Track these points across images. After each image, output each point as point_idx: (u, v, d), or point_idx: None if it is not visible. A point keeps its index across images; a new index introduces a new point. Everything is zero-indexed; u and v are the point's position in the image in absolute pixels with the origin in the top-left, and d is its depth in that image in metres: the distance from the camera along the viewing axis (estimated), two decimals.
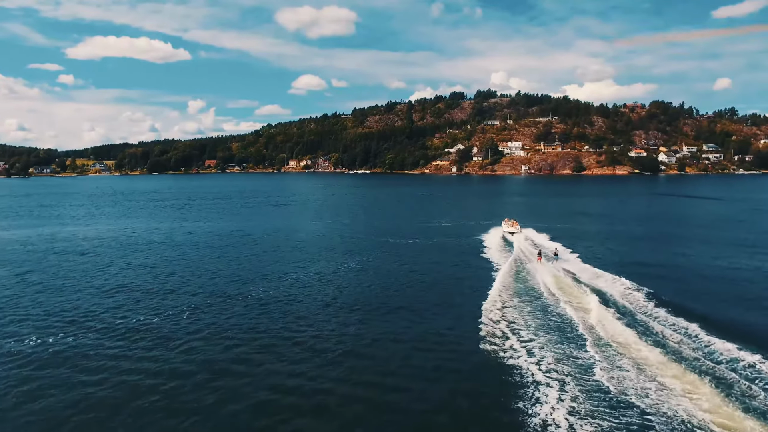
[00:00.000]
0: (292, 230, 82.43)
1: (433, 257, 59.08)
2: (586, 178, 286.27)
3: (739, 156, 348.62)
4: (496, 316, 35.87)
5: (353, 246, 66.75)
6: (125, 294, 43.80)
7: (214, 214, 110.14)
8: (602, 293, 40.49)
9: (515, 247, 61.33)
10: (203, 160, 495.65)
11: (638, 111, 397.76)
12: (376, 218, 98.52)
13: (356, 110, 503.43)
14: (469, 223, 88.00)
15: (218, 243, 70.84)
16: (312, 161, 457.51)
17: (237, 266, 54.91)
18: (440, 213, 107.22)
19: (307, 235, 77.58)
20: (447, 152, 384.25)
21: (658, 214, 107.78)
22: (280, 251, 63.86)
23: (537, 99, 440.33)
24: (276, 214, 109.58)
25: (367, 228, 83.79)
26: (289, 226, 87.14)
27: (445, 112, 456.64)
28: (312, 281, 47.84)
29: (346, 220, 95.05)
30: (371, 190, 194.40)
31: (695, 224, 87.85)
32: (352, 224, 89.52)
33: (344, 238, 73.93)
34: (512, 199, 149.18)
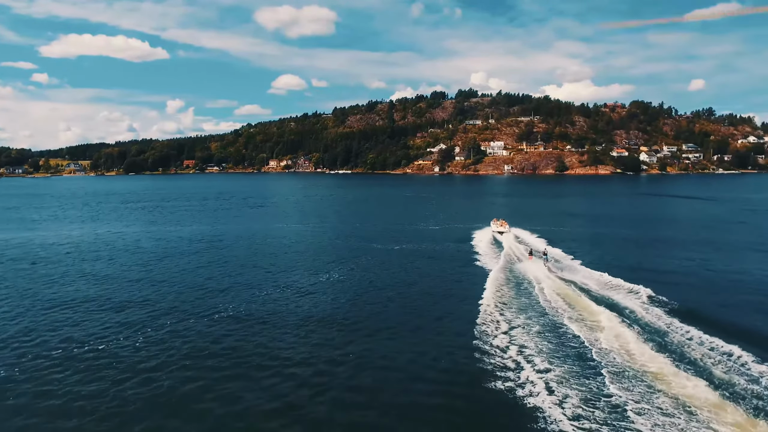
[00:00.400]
0: (268, 235, 76.73)
1: (423, 264, 54.04)
2: (569, 178, 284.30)
3: (719, 156, 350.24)
4: (493, 328, 32.51)
5: (335, 253, 61.48)
6: (72, 310, 38.02)
7: (186, 217, 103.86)
8: (615, 305, 36.77)
9: (505, 247, 60.42)
10: (181, 160, 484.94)
11: (618, 111, 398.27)
12: (360, 221, 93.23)
13: (337, 110, 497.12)
14: (457, 226, 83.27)
15: (186, 249, 65.02)
16: (292, 161, 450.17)
17: (204, 276, 49.31)
18: (426, 215, 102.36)
19: (284, 240, 71.98)
20: (429, 152, 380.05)
21: (654, 215, 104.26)
22: (254, 259, 58.30)
23: (518, 99, 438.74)
24: (252, 216, 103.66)
25: (350, 232, 78.49)
26: (265, 231, 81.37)
27: (426, 111, 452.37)
28: (288, 294, 42.50)
29: (327, 224, 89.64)
30: (353, 191, 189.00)
31: (698, 226, 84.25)
32: (333, 228, 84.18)
33: (325, 243, 68.59)
34: (498, 199, 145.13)
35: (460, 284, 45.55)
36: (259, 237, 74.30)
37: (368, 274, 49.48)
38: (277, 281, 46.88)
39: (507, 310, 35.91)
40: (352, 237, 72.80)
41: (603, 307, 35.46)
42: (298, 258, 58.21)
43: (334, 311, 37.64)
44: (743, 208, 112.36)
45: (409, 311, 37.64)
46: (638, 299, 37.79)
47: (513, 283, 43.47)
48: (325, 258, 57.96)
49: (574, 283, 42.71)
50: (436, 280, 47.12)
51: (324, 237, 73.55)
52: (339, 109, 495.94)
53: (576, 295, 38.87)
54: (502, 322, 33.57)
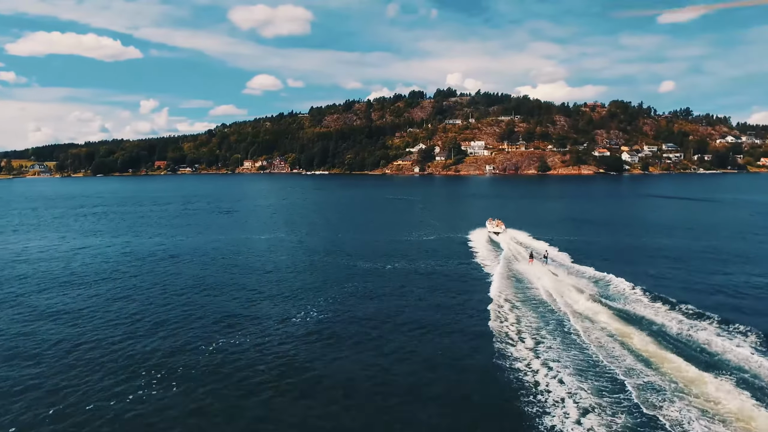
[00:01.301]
0: (231, 250, 63.02)
1: (424, 295, 41.14)
2: (552, 178, 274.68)
3: (699, 156, 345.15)
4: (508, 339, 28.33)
5: (312, 276, 48.12)
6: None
7: (139, 226, 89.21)
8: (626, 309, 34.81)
9: (504, 249, 57.73)
10: (153, 161, 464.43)
11: (599, 110, 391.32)
12: (340, 230, 79.91)
13: (313, 109, 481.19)
14: (454, 236, 70.79)
15: (128, 269, 51.27)
16: (268, 162, 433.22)
17: (143, 308, 36.41)
18: (415, 221, 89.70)
19: (249, 258, 58.39)
20: (408, 152, 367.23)
21: (662, 219, 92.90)
22: (211, 284, 44.91)
23: (497, 98, 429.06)
24: (217, 224, 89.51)
25: (329, 246, 65.08)
26: (229, 244, 67.55)
27: (404, 111, 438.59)
28: (249, 344, 29.37)
29: (303, 234, 75.94)
30: (331, 194, 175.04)
31: (721, 234, 72.78)
32: (310, 240, 70.65)
33: (300, 263, 55.11)
34: (486, 201, 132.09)
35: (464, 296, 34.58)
36: (219, 253, 60.56)
37: (356, 310, 36.58)
38: (232, 322, 33.66)
39: (518, 320, 33.51)
40: (333, 253, 59.55)
41: (610, 310, 34.06)
42: (264, 285, 44.83)
43: (315, 371, 24.94)
44: (759, 212, 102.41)
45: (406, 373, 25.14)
46: (652, 303, 35.92)
47: (517, 288, 41.15)
48: (300, 284, 44.71)
49: (578, 284, 40.98)
50: (437, 328, 34.44)
51: (298, 254, 60.07)
52: (315, 109, 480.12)
53: (578, 297, 37.01)
54: (515, 332, 31.50)
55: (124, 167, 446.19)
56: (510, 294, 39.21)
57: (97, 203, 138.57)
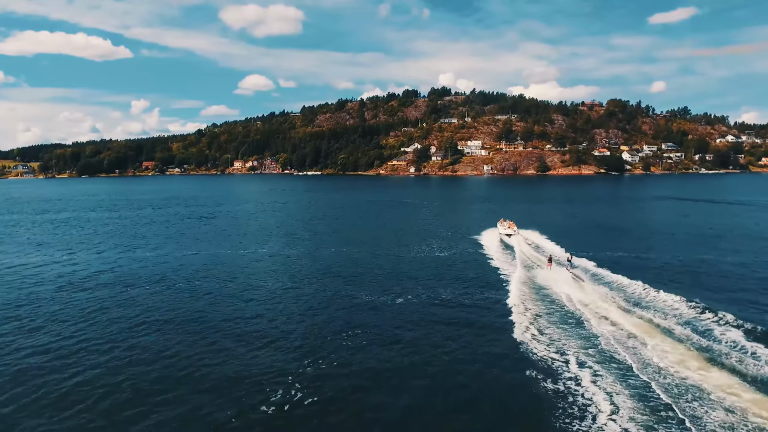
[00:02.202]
0: (194, 272, 49.47)
1: (455, 354, 28.25)
2: (553, 179, 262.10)
3: (700, 155, 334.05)
4: None
5: (299, 325, 34.62)
6: None
7: (98, 235, 75.30)
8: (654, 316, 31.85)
9: (517, 252, 53.62)
10: (140, 161, 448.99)
11: (597, 109, 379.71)
12: (335, 243, 66.32)
13: (305, 108, 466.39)
14: (465, 247, 57.70)
15: (64, 296, 37.97)
16: (258, 162, 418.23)
17: (88, 345, 24.08)
18: (420, 229, 76.47)
19: (216, 283, 45.00)
20: (403, 152, 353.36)
21: (689, 225, 79.89)
22: (172, 321, 31.79)
23: (493, 97, 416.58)
24: (187, 235, 75.60)
25: (322, 268, 51.35)
26: (192, 263, 53.79)
27: (398, 110, 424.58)
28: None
29: (288, 248, 62.32)
30: (324, 196, 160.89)
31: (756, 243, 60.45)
32: (296, 257, 57.08)
33: (280, 294, 41.51)
34: (497, 205, 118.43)
35: None
36: (186, 277, 46.88)
37: (361, 380, 23.54)
38: (173, 396, 20.46)
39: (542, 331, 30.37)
40: (326, 278, 46.07)
41: (640, 319, 31.77)
42: (241, 332, 31.54)
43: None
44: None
45: None
46: (683, 310, 32.95)
47: (539, 296, 37.84)
48: (285, 328, 31.50)
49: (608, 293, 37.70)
50: None
51: (280, 279, 46.44)
52: (307, 108, 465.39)
53: (609, 306, 34.28)
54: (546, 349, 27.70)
55: (110, 168, 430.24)
56: (533, 304, 35.84)
57: (65, 208, 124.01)
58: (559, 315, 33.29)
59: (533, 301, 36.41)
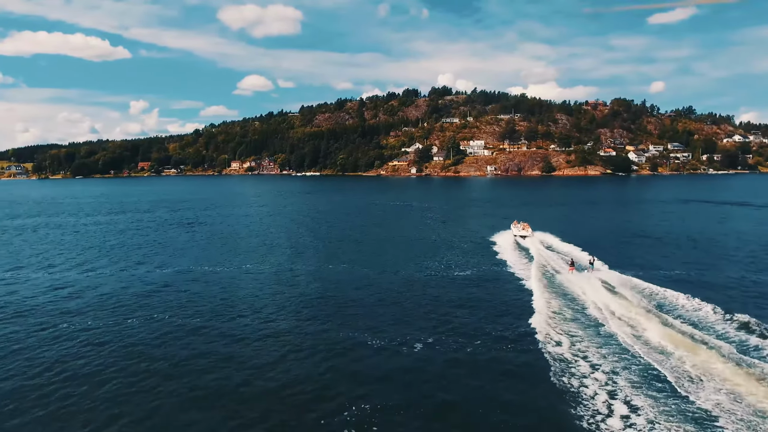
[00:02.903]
0: (163, 295, 38.93)
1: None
2: (559, 180, 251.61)
3: (708, 155, 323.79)
4: None
5: (289, 373, 24.32)
6: None
7: (62, 246, 64.64)
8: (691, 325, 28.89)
9: (534, 256, 50.29)
10: (136, 162, 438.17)
11: (601, 108, 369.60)
12: (336, 259, 55.22)
13: (304, 108, 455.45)
14: (500, 270, 47.22)
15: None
16: (256, 162, 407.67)
17: None
18: (433, 240, 66.00)
19: (187, 313, 34.52)
20: (404, 152, 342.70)
21: (725, 229, 69.42)
22: (102, 369, 21.20)
23: (494, 96, 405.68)
24: (165, 246, 64.80)
25: (316, 293, 40.65)
26: (162, 283, 43.12)
27: (398, 110, 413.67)
28: None
29: (279, 264, 51.42)
30: (323, 199, 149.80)
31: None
32: (287, 278, 46.31)
33: (266, 331, 31.10)
34: (516, 210, 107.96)
35: None
36: (136, 302, 36.47)
37: None
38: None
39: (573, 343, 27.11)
40: (323, 312, 35.46)
41: (673, 329, 28.75)
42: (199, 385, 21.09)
43: None
44: None
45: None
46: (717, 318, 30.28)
47: (563, 301, 34.77)
48: (259, 387, 21.05)
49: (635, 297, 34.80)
50: None
51: (266, 314, 35.76)
52: (306, 108, 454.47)
53: (640, 312, 31.73)
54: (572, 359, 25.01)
55: (105, 168, 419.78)
56: (557, 309, 33.15)
57: (39, 212, 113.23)
58: (590, 326, 29.92)
59: (560, 312, 32.72)
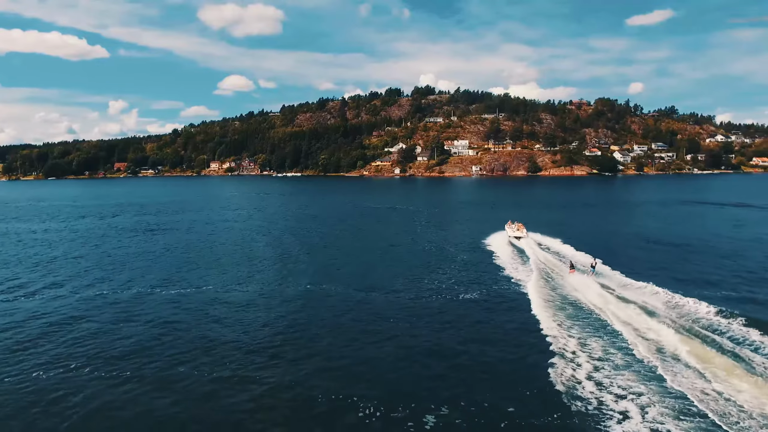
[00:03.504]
0: (90, 329, 30.14)
1: None
2: (546, 180, 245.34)
3: (692, 155, 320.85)
4: None
5: None
6: None
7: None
8: None
9: (531, 257, 48.94)
10: (112, 162, 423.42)
11: (585, 108, 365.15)
12: (317, 275, 46.94)
13: (285, 108, 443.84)
14: (509, 289, 39.13)
15: None
16: (236, 163, 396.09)
17: None
18: (425, 249, 57.70)
19: (115, 351, 25.75)
20: (387, 152, 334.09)
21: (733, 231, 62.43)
22: None
23: (478, 96, 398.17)
24: (120, 258, 55.66)
25: (289, 328, 32.54)
26: (96, 312, 34.38)
27: (381, 109, 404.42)
28: None
29: (254, 285, 42.94)
30: (304, 201, 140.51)
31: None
32: (265, 303, 37.75)
33: (242, 391, 22.67)
34: (508, 212, 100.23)
35: None
36: (50, 340, 27.65)
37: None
38: None
39: None
40: (297, 350, 27.13)
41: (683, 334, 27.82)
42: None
43: None
44: None
45: None
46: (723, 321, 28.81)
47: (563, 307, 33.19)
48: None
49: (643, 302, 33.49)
50: None
51: (230, 354, 27.37)
52: (287, 107, 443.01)
53: (642, 317, 30.46)
54: None
55: (80, 169, 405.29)
56: (558, 314, 31.45)
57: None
58: (587, 327, 29.20)
59: (564, 318, 31.16)
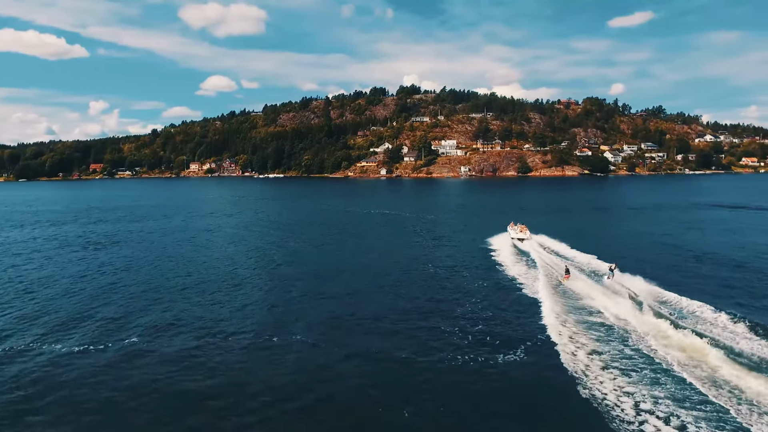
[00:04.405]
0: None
1: None
2: (538, 181, 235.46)
3: (683, 155, 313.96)
4: None
5: None
6: None
7: None
8: None
9: (537, 261, 46.96)
10: (88, 163, 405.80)
11: (573, 108, 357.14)
12: (292, 317, 35.39)
13: (267, 107, 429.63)
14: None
15: None
16: (217, 164, 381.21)
17: None
18: (425, 270, 46.21)
19: None
20: (373, 152, 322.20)
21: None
22: None
23: (464, 95, 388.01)
24: (32, 287, 43.60)
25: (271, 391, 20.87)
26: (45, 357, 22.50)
27: (366, 109, 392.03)
28: None
29: (214, 327, 31.43)
30: (287, 207, 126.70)
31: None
32: (225, 360, 26.19)
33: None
34: (512, 218, 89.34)
35: None
36: None
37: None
38: None
39: None
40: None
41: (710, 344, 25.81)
42: None
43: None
44: None
45: None
46: None
47: None
48: None
49: None
50: None
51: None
52: (270, 107, 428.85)
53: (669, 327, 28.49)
54: None
55: (53, 171, 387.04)
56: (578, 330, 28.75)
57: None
58: None
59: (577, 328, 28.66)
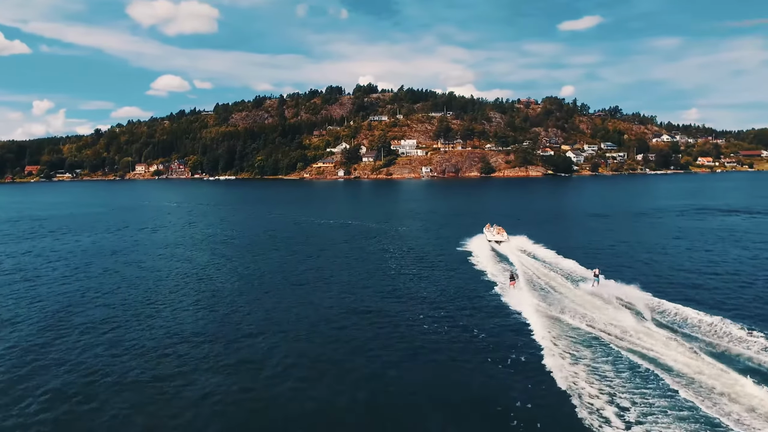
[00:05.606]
0: None
1: None
2: (502, 181, 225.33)
3: (643, 155, 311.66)
4: None
5: None
6: None
7: None
8: None
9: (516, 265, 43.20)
10: (23, 165, 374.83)
11: (533, 107, 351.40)
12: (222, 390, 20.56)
13: (219, 106, 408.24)
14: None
15: None
16: (165, 166, 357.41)
17: None
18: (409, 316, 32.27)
19: None
20: (330, 152, 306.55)
21: None
22: None
23: (422, 94, 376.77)
24: None
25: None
26: None
27: (322, 108, 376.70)
28: None
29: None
30: (238, 216, 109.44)
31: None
32: None
33: None
34: (467, 220, 76.37)
35: None
36: None
37: None
38: None
39: None
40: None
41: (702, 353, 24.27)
42: None
43: None
44: None
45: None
46: None
47: None
48: None
49: None
50: None
51: None
52: (221, 106, 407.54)
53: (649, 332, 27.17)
54: None
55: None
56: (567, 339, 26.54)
57: None
58: None
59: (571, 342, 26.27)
